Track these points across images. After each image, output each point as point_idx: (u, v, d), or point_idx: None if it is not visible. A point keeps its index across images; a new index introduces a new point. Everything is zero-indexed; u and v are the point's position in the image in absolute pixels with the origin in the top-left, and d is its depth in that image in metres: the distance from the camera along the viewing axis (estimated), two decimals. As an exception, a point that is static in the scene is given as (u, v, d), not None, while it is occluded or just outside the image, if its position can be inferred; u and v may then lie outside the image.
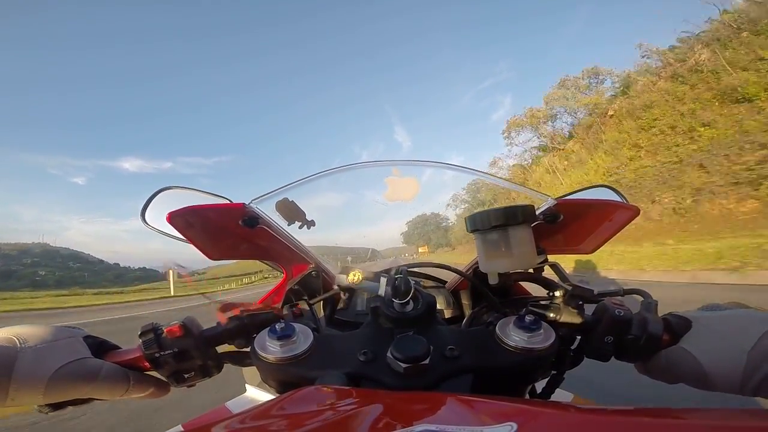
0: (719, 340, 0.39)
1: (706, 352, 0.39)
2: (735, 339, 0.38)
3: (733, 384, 0.38)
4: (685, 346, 0.41)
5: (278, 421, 0.29)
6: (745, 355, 0.37)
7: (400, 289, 0.45)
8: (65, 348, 0.40)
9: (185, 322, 0.45)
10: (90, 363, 0.41)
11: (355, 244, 1.19)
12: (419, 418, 0.25)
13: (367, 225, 0.98)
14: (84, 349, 0.42)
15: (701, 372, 0.39)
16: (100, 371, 0.41)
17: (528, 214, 0.49)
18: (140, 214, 0.71)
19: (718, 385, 0.38)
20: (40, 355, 0.38)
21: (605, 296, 0.48)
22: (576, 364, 0.49)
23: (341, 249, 0.89)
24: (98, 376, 0.41)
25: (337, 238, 1.11)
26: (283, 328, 0.42)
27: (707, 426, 0.24)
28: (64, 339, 0.41)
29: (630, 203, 0.66)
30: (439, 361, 0.41)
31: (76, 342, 0.42)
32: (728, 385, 0.38)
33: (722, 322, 0.41)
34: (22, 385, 0.36)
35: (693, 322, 0.42)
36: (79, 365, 0.40)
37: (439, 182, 0.80)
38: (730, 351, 0.38)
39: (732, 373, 0.37)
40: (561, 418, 0.26)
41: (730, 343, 0.38)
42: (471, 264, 0.80)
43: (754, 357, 0.36)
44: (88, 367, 0.40)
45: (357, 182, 0.82)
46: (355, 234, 1.14)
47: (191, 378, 0.47)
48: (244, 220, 0.68)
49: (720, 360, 0.38)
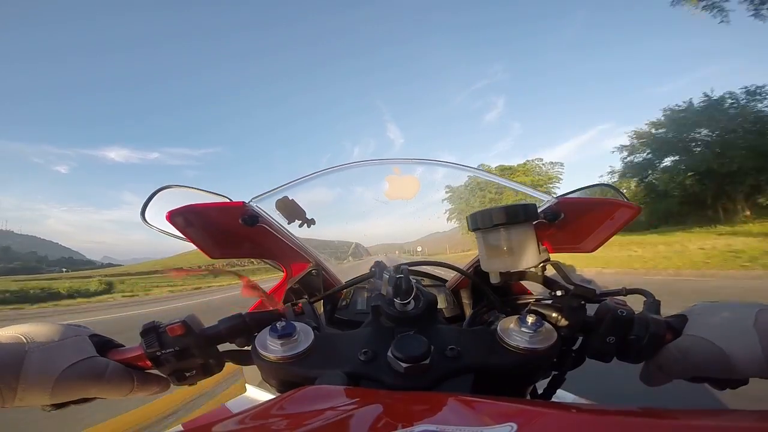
0: (721, 321, 0.40)
1: (715, 333, 0.39)
2: (735, 317, 0.39)
3: (757, 362, 0.36)
4: (691, 333, 0.41)
5: (278, 421, 0.29)
6: (752, 329, 0.37)
7: (401, 287, 0.45)
8: (72, 347, 0.40)
9: (186, 321, 0.45)
10: (97, 362, 0.41)
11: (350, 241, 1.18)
12: (419, 418, 0.25)
13: (368, 224, 0.98)
14: (90, 348, 0.42)
15: (719, 353, 0.38)
16: (105, 370, 0.41)
17: (530, 212, 0.48)
18: (140, 213, 0.71)
19: (740, 366, 0.37)
20: (47, 354, 0.38)
21: (607, 296, 0.48)
22: (578, 364, 0.48)
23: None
24: (104, 375, 0.41)
25: (337, 236, 1.10)
26: (284, 327, 0.42)
27: (707, 426, 0.23)
28: (71, 338, 0.41)
29: (631, 202, 0.65)
30: (439, 361, 0.40)
31: (82, 341, 0.42)
32: (752, 364, 0.36)
33: (716, 309, 0.42)
34: (31, 385, 0.36)
35: (688, 315, 0.43)
36: (86, 365, 0.40)
37: (437, 180, 0.80)
38: (735, 328, 0.38)
39: (750, 351, 0.36)
40: (561, 419, 0.26)
41: (732, 321, 0.39)
42: (472, 262, 0.79)
43: (764, 332, 0.36)
44: (95, 367, 0.41)
45: (357, 181, 0.82)
46: (355, 232, 1.13)
47: (192, 377, 0.47)
48: (244, 218, 0.68)
49: (731, 338, 0.38)
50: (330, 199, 0.85)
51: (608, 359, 0.46)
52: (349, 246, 1.13)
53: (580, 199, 0.70)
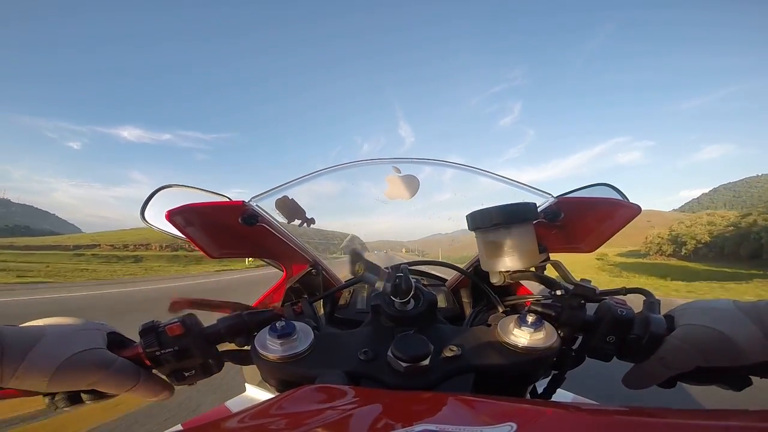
0: (709, 310, 0.40)
1: (708, 320, 0.39)
2: (719, 307, 0.40)
3: (762, 343, 0.36)
4: (686, 322, 0.41)
5: (278, 420, 0.29)
6: (740, 314, 0.38)
7: (400, 287, 0.45)
8: (84, 338, 0.41)
9: (186, 320, 0.45)
10: (101, 353, 0.41)
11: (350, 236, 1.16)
12: (419, 418, 0.25)
13: (368, 223, 0.98)
14: (101, 341, 0.42)
15: (724, 338, 0.37)
16: (112, 364, 0.42)
17: (530, 212, 0.48)
18: (140, 212, 0.71)
19: (746, 349, 0.36)
20: (58, 340, 0.39)
21: (607, 295, 0.48)
22: (578, 363, 0.48)
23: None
24: (110, 367, 0.41)
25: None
26: (283, 327, 0.42)
27: (707, 426, 0.23)
28: (86, 330, 0.42)
29: (631, 202, 0.65)
30: (439, 361, 0.40)
31: (96, 334, 0.43)
32: (757, 345, 0.36)
33: (698, 305, 0.42)
34: (32, 368, 0.36)
35: (674, 312, 0.44)
36: (91, 354, 0.40)
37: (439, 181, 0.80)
38: (725, 314, 0.39)
39: (748, 331, 0.36)
40: (561, 418, 0.26)
41: (720, 310, 0.39)
42: (472, 262, 0.79)
43: (752, 315, 0.37)
44: (99, 357, 0.41)
45: (357, 180, 0.81)
46: (355, 230, 1.13)
47: (191, 376, 0.47)
48: (244, 217, 0.68)
49: (725, 322, 0.38)
50: (330, 199, 0.85)
51: (608, 359, 0.46)
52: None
53: (580, 198, 0.70)
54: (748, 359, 0.37)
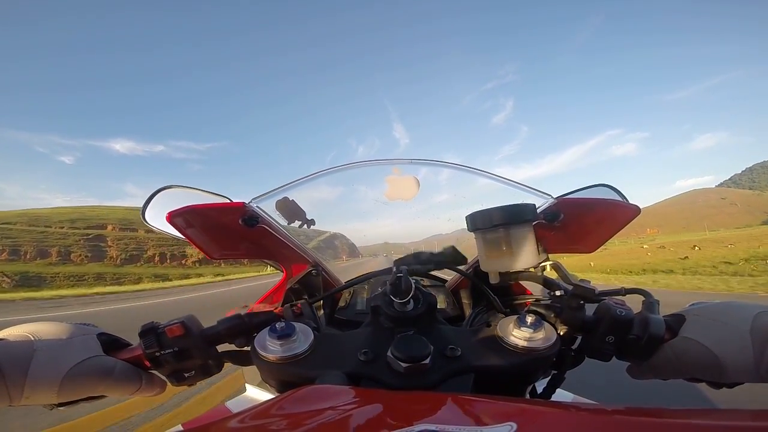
0: (717, 324, 0.40)
1: (709, 336, 0.39)
2: (731, 322, 0.39)
3: (747, 368, 0.37)
4: (686, 335, 0.41)
5: (278, 421, 0.29)
6: (747, 335, 0.37)
7: (400, 288, 0.45)
8: (80, 346, 0.40)
9: (185, 321, 0.45)
10: (103, 361, 0.41)
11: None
12: (419, 418, 0.25)
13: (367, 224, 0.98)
14: (97, 347, 0.42)
15: (712, 357, 0.38)
16: (114, 369, 0.41)
17: (529, 212, 0.48)
18: (141, 213, 0.71)
19: (730, 371, 0.37)
20: (55, 353, 0.38)
21: (606, 296, 0.48)
22: (577, 364, 0.48)
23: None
24: (112, 374, 0.41)
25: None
26: (283, 328, 0.42)
27: (707, 426, 0.23)
28: (78, 336, 0.41)
29: (630, 202, 0.65)
30: (439, 361, 0.40)
31: (90, 340, 0.42)
32: (743, 369, 0.37)
33: (714, 311, 0.42)
34: (38, 383, 0.36)
35: (686, 315, 0.43)
36: (92, 363, 0.40)
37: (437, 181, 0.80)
38: (730, 333, 0.38)
39: (741, 356, 0.37)
40: (561, 418, 0.26)
41: (728, 326, 0.39)
42: (472, 263, 0.79)
43: (758, 338, 0.37)
44: (101, 365, 0.41)
45: (357, 181, 0.82)
46: (355, 231, 1.13)
47: (191, 377, 0.47)
48: (244, 219, 0.68)
49: (725, 342, 0.38)
50: (330, 200, 0.85)
51: (607, 359, 0.46)
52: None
53: (580, 199, 0.70)
54: (730, 379, 0.38)
